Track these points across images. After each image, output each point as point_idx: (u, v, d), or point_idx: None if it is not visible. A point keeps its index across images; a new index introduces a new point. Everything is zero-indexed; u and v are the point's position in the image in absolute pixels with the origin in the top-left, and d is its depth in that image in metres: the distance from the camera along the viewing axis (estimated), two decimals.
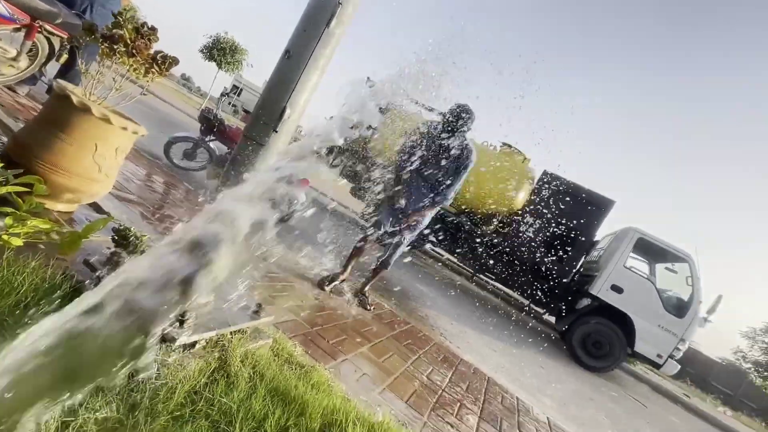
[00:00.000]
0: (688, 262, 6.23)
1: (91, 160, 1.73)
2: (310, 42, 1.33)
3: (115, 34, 1.74)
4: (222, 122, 4.85)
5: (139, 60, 1.78)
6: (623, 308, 6.14)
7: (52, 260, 1.25)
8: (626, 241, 6.42)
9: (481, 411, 2.34)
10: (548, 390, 4.01)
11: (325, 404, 1.34)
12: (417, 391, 2.13)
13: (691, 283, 6.16)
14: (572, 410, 3.71)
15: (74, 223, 1.81)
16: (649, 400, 6.87)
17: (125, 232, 1.47)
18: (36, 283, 1.09)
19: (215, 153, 4.80)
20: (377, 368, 2.14)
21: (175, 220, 2.72)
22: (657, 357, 6.02)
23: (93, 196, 1.90)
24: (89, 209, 2.04)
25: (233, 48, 21.22)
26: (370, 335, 2.56)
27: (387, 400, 1.85)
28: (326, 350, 2.00)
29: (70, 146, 1.67)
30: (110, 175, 1.86)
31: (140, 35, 1.78)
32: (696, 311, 6.00)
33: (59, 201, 1.79)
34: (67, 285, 1.17)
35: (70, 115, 1.65)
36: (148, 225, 2.32)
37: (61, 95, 1.65)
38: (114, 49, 1.73)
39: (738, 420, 11.82)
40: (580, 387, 4.92)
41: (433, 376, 2.47)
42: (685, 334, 5.97)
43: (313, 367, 1.64)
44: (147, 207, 2.66)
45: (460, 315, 5.32)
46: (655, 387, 8.75)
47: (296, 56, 1.34)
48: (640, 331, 6.06)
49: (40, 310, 1.02)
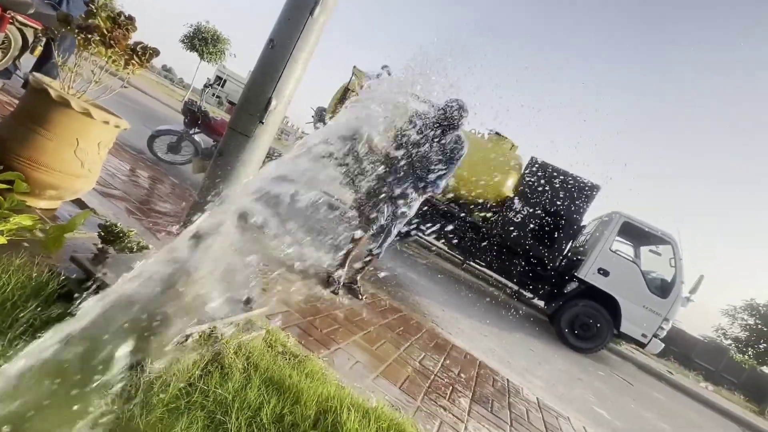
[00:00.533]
0: (671, 244, 6.39)
1: (72, 155, 1.69)
2: (294, 30, 1.31)
3: (90, 24, 1.69)
4: (206, 114, 4.76)
5: (117, 51, 1.73)
6: (610, 291, 6.30)
7: (37, 258, 1.24)
8: (612, 225, 6.55)
9: (472, 394, 2.40)
10: (538, 371, 4.11)
11: (319, 392, 1.36)
12: (410, 376, 2.17)
13: (674, 265, 6.33)
14: (561, 390, 3.82)
15: (58, 221, 1.78)
16: (635, 378, 7.09)
17: (112, 228, 1.46)
18: (22, 282, 1.07)
19: (200, 145, 4.72)
20: (370, 356, 2.17)
21: (161, 214, 2.69)
22: (642, 336, 6.21)
23: (76, 192, 1.86)
24: (73, 206, 2.01)
25: (215, 37, 20.73)
26: (363, 324, 2.58)
27: (381, 387, 1.88)
28: (319, 340, 2.02)
29: (50, 141, 1.63)
30: (93, 170, 1.83)
31: (117, 25, 1.73)
32: (679, 291, 6.18)
33: (41, 198, 1.75)
34: (54, 283, 1.15)
35: (49, 109, 1.61)
36: (134, 220, 2.29)
37: (38, 89, 1.61)
38: (89, 40, 1.68)
39: (719, 394, 12.30)
40: (568, 367, 5.06)
41: (426, 361, 2.51)
42: (669, 314, 6.16)
43: (307, 357, 1.65)
44: (132, 202, 2.62)
45: (451, 301, 5.40)
46: (640, 365, 9.04)
47: (280, 46, 1.33)
48: (626, 312, 6.23)
49: (28, 309, 1.01)
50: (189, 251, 1.10)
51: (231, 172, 1.37)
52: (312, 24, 1.33)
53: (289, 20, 1.33)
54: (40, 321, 1.00)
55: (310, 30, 1.34)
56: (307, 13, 1.31)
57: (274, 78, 1.33)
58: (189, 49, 20.83)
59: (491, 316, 5.71)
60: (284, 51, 1.32)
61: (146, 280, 1.04)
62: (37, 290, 1.09)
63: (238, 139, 1.36)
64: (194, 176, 4.65)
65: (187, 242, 1.10)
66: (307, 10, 1.31)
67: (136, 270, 1.05)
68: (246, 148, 1.37)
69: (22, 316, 0.98)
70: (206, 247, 1.11)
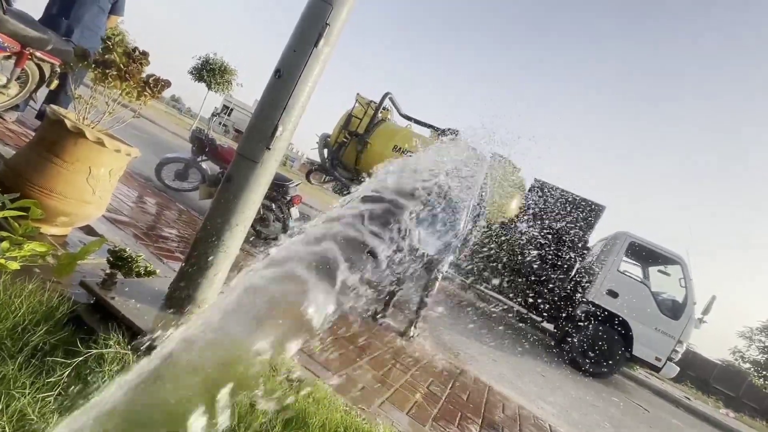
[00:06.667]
0: (680, 263, 6.30)
1: (84, 182, 1.74)
2: (299, 61, 1.37)
3: (107, 59, 1.77)
4: (213, 142, 4.87)
5: (131, 84, 1.81)
6: (620, 313, 6.16)
7: (48, 283, 1.26)
8: (618, 246, 6.49)
9: (482, 420, 2.33)
10: (549, 397, 3.99)
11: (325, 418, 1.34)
12: (418, 402, 2.12)
13: (684, 285, 6.22)
14: (574, 416, 3.69)
15: (68, 246, 1.81)
16: (651, 404, 6.84)
17: (121, 253, 1.48)
18: (34, 306, 1.09)
19: (207, 172, 4.81)
20: (376, 381, 2.13)
21: (168, 240, 2.72)
22: (656, 360, 6.02)
23: (87, 218, 1.90)
24: (82, 232, 2.04)
25: (222, 68, 21.41)
26: (369, 348, 2.55)
27: (388, 412, 1.84)
28: (322, 362, 2.00)
29: (64, 170, 1.68)
30: (104, 197, 1.87)
31: (132, 60, 1.82)
32: (691, 312, 6.04)
33: (53, 224, 1.79)
34: (65, 307, 1.17)
35: (64, 139, 1.67)
36: (141, 245, 2.32)
37: (54, 120, 1.67)
38: (107, 74, 1.76)
39: (741, 421, 11.78)
40: (581, 393, 4.90)
41: (433, 387, 2.46)
42: (682, 336, 6.00)
43: (314, 383, 1.63)
44: (140, 228, 2.66)
45: (458, 326, 5.31)
46: (656, 391, 8.73)
47: (286, 75, 1.38)
48: (638, 334, 6.07)
49: (38, 334, 1.02)
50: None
51: (238, 196, 1.40)
52: (317, 55, 1.39)
53: (295, 51, 1.39)
54: (49, 345, 1.01)
55: (315, 61, 1.40)
56: (312, 44, 1.37)
57: (280, 106, 1.38)
58: (197, 80, 21.49)
59: (500, 340, 5.60)
60: (290, 80, 1.38)
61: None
62: (48, 315, 1.10)
63: (245, 163, 1.40)
64: (201, 203, 4.71)
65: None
66: (312, 41, 1.37)
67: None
68: (253, 173, 1.41)
69: (33, 340, 0.99)
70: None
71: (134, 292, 1.42)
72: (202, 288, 1.42)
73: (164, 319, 1.34)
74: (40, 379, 0.92)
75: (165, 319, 1.34)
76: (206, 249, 1.41)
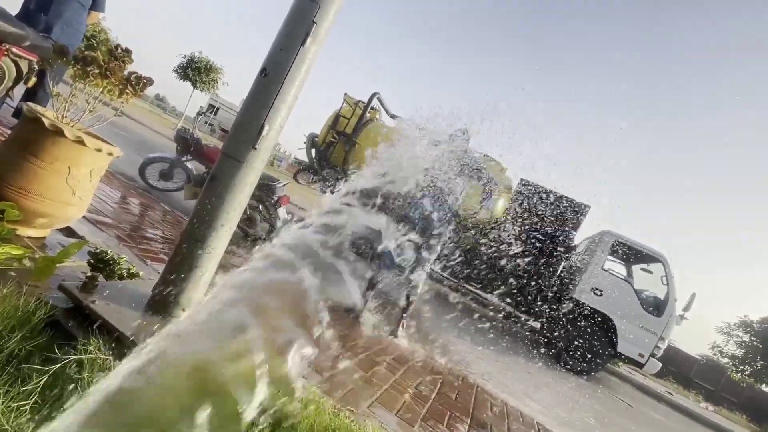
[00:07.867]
0: (662, 261, 6.45)
1: (64, 183, 1.69)
2: (286, 60, 1.36)
3: (87, 56, 1.73)
4: (199, 141, 4.79)
5: (113, 81, 1.77)
6: (604, 310, 6.28)
7: (24, 287, 1.21)
8: (603, 245, 6.61)
9: (470, 419, 2.34)
10: (536, 394, 4.03)
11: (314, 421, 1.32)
12: (406, 402, 2.12)
13: (666, 282, 6.37)
14: (560, 413, 3.74)
15: (47, 248, 1.75)
16: (634, 399, 6.99)
17: (102, 255, 1.44)
18: (8, 311, 1.05)
19: (192, 172, 4.73)
20: (364, 382, 2.12)
21: (152, 241, 2.67)
22: (639, 356, 6.16)
23: (66, 220, 1.85)
24: (62, 234, 1.99)
25: (208, 67, 21.10)
26: (356, 349, 2.54)
27: (377, 413, 1.83)
28: (310, 366, 1.98)
29: (42, 170, 1.63)
30: (84, 198, 1.82)
31: (114, 57, 1.77)
32: (672, 309, 6.19)
33: (31, 226, 1.73)
34: (42, 312, 1.13)
35: (42, 138, 1.62)
36: (125, 247, 2.27)
37: (32, 118, 1.62)
38: (87, 72, 1.71)
39: (720, 414, 12.12)
40: (566, 390, 4.98)
41: (422, 387, 2.46)
42: (664, 332, 6.15)
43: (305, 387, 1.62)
44: (123, 229, 2.60)
45: (444, 325, 5.33)
46: (639, 387, 8.92)
47: (273, 74, 1.36)
48: (622, 331, 6.20)
49: (13, 339, 0.98)
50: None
51: (224, 196, 1.38)
52: (304, 53, 1.37)
53: (282, 50, 1.37)
54: (25, 351, 0.98)
55: (302, 59, 1.38)
56: (299, 43, 1.36)
57: (266, 105, 1.36)
58: (182, 79, 21.13)
59: (486, 339, 5.64)
60: (277, 79, 1.36)
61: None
62: (24, 320, 1.06)
63: (231, 163, 1.38)
64: (186, 203, 4.63)
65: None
66: (299, 40, 1.36)
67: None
68: (238, 173, 1.38)
69: (8, 347, 0.95)
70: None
71: (116, 296, 1.39)
72: (187, 290, 1.40)
73: (147, 323, 1.30)
74: (15, 387, 0.88)
75: (148, 322, 1.31)
76: (191, 250, 1.38)
